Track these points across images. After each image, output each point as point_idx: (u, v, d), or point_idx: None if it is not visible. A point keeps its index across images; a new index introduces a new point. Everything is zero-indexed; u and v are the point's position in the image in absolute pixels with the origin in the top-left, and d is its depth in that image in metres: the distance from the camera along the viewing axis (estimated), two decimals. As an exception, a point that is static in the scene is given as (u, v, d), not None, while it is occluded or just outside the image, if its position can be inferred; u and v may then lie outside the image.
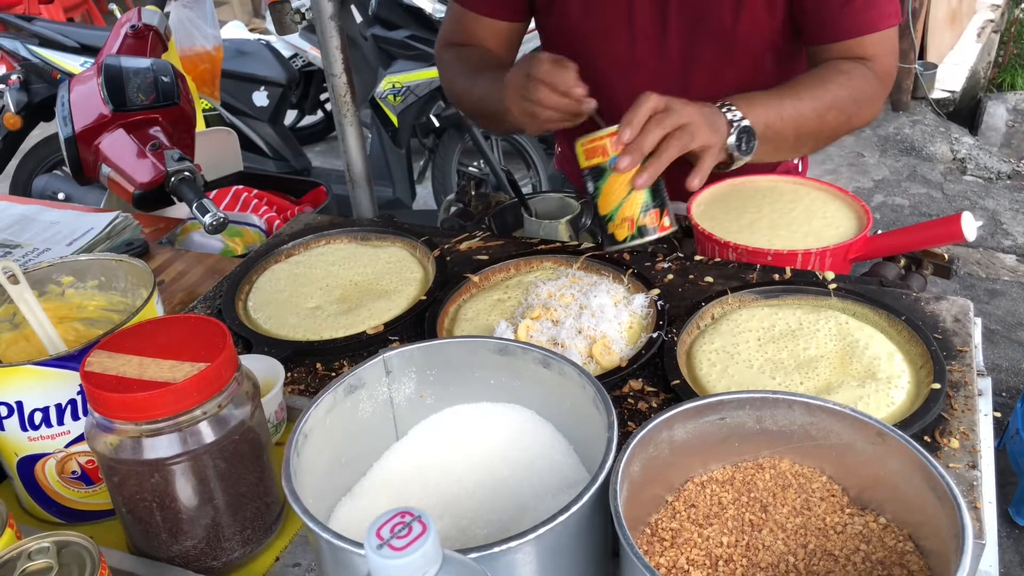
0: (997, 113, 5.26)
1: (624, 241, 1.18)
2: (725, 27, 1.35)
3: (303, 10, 2.98)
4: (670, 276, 1.23)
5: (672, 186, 1.19)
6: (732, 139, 1.18)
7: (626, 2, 1.39)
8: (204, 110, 2.98)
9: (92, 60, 1.54)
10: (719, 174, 1.29)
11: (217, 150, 2.01)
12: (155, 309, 0.97)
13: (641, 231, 1.17)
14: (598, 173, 1.16)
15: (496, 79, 1.35)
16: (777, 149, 1.28)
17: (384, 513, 0.52)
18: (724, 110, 1.19)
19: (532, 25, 1.58)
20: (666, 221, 1.18)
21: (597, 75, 1.27)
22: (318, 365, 1.13)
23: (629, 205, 1.15)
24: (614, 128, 1.13)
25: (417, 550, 0.49)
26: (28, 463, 0.91)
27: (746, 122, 1.19)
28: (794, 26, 1.37)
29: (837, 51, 1.33)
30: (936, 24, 5.28)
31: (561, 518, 0.65)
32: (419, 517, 0.51)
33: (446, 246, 1.36)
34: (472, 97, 1.45)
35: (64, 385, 0.87)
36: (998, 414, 1.00)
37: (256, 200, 2.05)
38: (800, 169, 1.63)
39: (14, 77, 3.46)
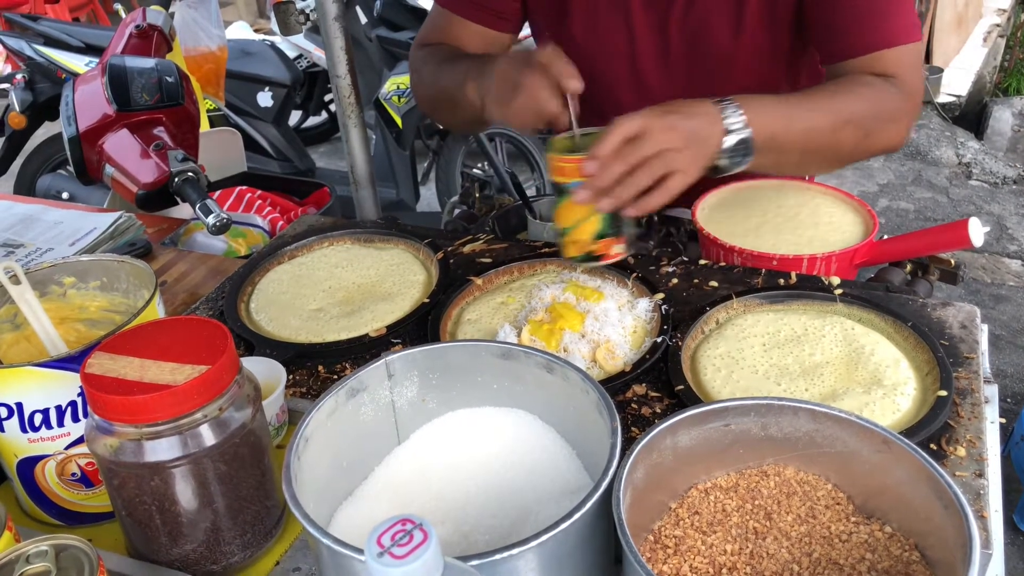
0: (1003, 118, 5.25)
1: (572, 259, 1.15)
2: (725, 45, 1.33)
3: (308, 11, 2.97)
4: (675, 280, 1.23)
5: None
6: (727, 145, 1.09)
7: (626, 21, 1.37)
8: (208, 110, 2.98)
9: (97, 60, 1.54)
10: (721, 178, 1.28)
11: (221, 150, 2.01)
12: (156, 310, 0.96)
13: (588, 256, 1.13)
14: (561, 189, 1.11)
15: (465, 68, 1.30)
16: (779, 163, 1.21)
17: (385, 520, 0.51)
18: (724, 114, 1.10)
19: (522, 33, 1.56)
20: (616, 249, 1.12)
21: (603, 92, 1.24)
22: (320, 368, 1.13)
23: (583, 229, 1.11)
24: (584, 154, 1.06)
25: (418, 558, 0.49)
26: (28, 465, 0.91)
27: (746, 132, 1.10)
28: (803, 44, 1.35)
29: (853, 69, 1.25)
30: (942, 28, 5.26)
31: (564, 525, 0.64)
32: (420, 525, 0.51)
33: (449, 248, 1.35)
34: (436, 84, 1.40)
35: (64, 387, 0.87)
36: (1003, 420, 0.99)
37: (260, 201, 2.05)
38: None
39: (19, 76, 3.47)
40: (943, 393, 0.95)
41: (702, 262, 1.27)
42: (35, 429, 0.88)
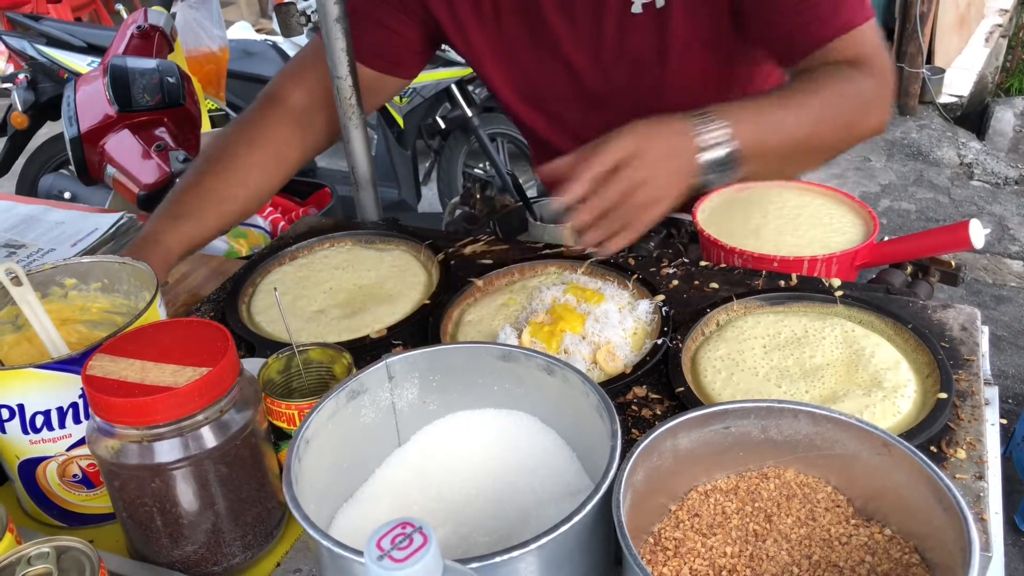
0: (1005, 118, 5.25)
1: None
2: (658, 74, 1.31)
3: (309, 12, 2.98)
4: (675, 282, 1.23)
5: None
6: (708, 160, 1.02)
7: (565, 68, 1.37)
8: (210, 111, 2.98)
9: (99, 60, 1.54)
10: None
11: (222, 151, 2.00)
12: (158, 312, 0.97)
13: None
14: (282, 434, 0.92)
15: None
16: (761, 171, 1.15)
17: (385, 524, 0.51)
18: (700, 130, 1.02)
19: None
20: None
21: (560, 129, 1.29)
22: (321, 369, 1.13)
23: None
24: (304, 401, 0.90)
25: (418, 562, 0.49)
26: (29, 466, 0.91)
27: (732, 145, 1.03)
28: (743, 50, 1.32)
29: (814, 63, 1.20)
30: (944, 28, 5.26)
31: (564, 527, 0.65)
32: (420, 528, 0.51)
33: (450, 250, 1.35)
34: None
35: (66, 388, 0.87)
36: (1004, 421, 1.00)
37: (261, 201, 2.05)
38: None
39: (21, 76, 3.47)
40: (943, 395, 0.95)
41: (703, 264, 1.27)
42: (36, 430, 0.88)
